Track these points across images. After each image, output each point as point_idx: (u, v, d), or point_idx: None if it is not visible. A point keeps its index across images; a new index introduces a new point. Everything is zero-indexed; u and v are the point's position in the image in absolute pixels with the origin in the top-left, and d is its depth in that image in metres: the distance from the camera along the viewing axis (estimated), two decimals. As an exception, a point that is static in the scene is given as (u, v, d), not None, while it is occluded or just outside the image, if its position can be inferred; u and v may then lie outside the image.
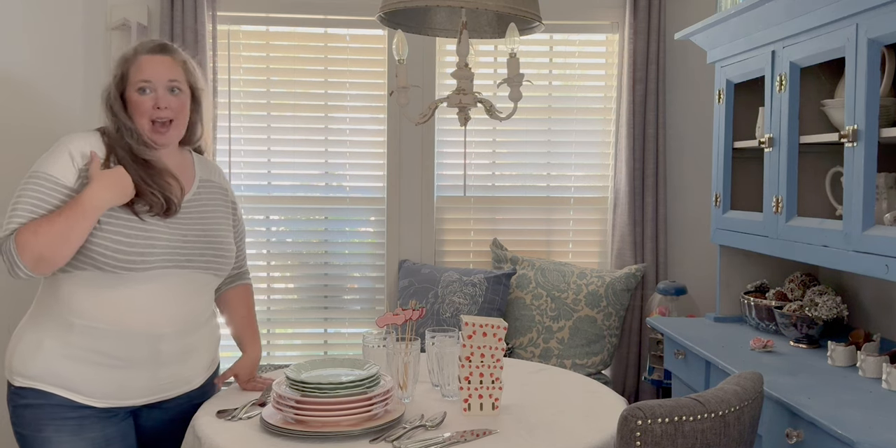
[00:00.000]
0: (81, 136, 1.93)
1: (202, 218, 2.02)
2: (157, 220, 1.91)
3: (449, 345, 2.02)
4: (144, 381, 1.93)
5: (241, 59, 3.69)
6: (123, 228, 1.86)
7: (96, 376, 1.88)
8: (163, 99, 1.94)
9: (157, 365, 1.93)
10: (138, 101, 1.93)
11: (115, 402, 1.91)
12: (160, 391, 1.97)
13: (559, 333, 3.45)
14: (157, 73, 1.94)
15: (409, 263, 3.67)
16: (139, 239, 1.87)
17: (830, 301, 2.55)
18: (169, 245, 1.91)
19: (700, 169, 3.69)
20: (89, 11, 3.41)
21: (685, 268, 3.75)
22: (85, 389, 1.87)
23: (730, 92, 2.93)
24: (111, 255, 1.83)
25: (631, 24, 3.59)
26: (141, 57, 1.95)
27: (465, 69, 2.05)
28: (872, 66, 2.07)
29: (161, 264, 1.89)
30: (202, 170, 2.12)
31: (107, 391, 1.89)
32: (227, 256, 2.05)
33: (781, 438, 2.04)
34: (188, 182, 2.04)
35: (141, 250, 1.86)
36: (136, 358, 1.90)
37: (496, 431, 1.77)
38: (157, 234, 1.90)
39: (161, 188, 1.92)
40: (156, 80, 1.94)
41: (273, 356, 3.77)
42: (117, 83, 1.95)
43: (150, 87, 1.93)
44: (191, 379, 2.04)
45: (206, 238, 1.99)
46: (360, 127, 3.77)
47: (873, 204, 2.10)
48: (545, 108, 3.80)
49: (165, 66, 1.97)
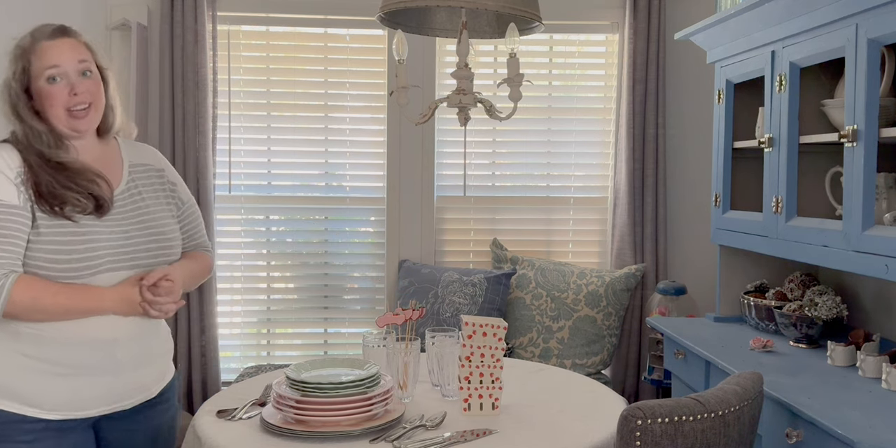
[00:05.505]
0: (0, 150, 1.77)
1: (138, 209, 1.88)
2: (93, 221, 1.79)
3: (449, 345, 2.02)
4: (100, 390, 1.81)
5: (241, 60, 3.69)
6: (59, 236, 1.74)
7: (48, 386, 1.75)
8: (77, 84, 1.78)
9: (114, 372, 1.81)
10: (50, 91, 1.76)
11: (71, 413, 1.78)
12: (118, 399, 1.84)
13: (559, 333, 3.46)
14: (65, 58, 1.78)
15: (409, 263, 3.67)
16: (77, 244, 1.75)
17: (830, 301, 2.55)
18: (111, 245, 1.79)
19: (700, 169, 3.69)
20: (89, 11, 3.42)
21: (685, 268, 3.75)
22: (36, 400, 1.74)
23: (730, 92, 2.93)
24: (51, 267, 1.73)
25: (631, 24, 3.59)
26: (42, 43, 1.77)
27: (465, 69, 2.05)
28: (872, 66, 2.07)
29: (107, 267, 1.78)
30: (131, 154, 1.97)
31: (60, 401, 1.76)
32: (172, 246, 1.93)
33: (781, 438, 2.04)
34: (116, 173, 1.89)
35: (81, 255, 1.75)
36: (89, 365, 1.78)
37: (496, 431, 1.77)
38: (96, 236, 1.78)
39: (85, 188, 1.78)
40: (65, 64, 1.77)
41: (273, 356, 3.78)
42: (19, 78, 1.77)
43: (61, 74, 1.77)
44: (149, 386, 1.92)
45: (147, 230, 1.87)
46: (360, 127, 3.77)
47: (873, 204, 2.10)
48: (545, 108, 3.80)
49: (71, 49, 1.80)
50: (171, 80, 3.50)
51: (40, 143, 1.78)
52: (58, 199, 1.75)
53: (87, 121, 1.82)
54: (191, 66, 3.48)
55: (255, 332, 3.80)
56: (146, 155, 2.02)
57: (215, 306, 3.58)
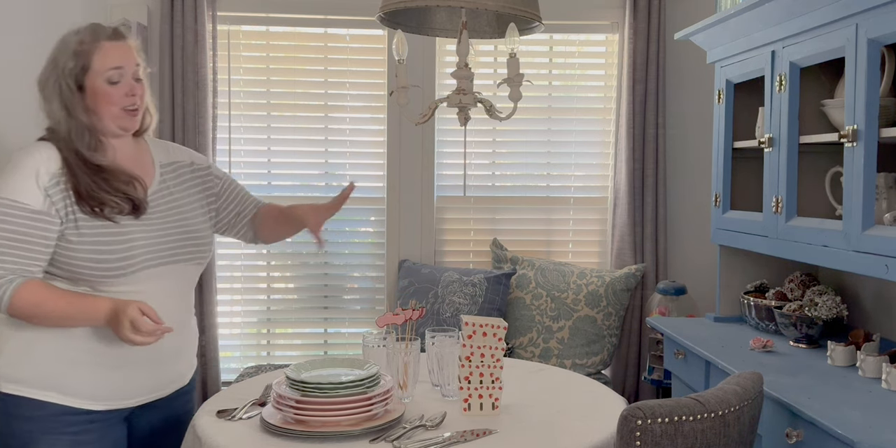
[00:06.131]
0: (40, 151, 1.82)
1: (172, 209, 1.95)
2: (132, 221, 1.84)
3: (449, 345, 2.02)
4: (144, 380, 1.91)
5: (241, 59, 3.69)
6: (102, 236, 1.80)
7: (95, 377, 1.84)
8: (134, 86, 1.86)
9: (157, 362, 1.92)
10: (109, 90, 1.82)
11: (116, 403, 1.88)
12: (159, 389, 1.96)
13: (559, 333, 3.46)
14: (125, 59, 1.84)
15: (409, 263, 3.67)
16: (117, 244, 1.81)
17: (830, 301, 2.55)
18: (147, 244, 1.85)
19: (700, 169, 3.69)
20: (89, 11, 3.41)
21: (685, 268, 3.75)
22: (83, 392, 1.83)
23: (730, 92, 2.93)
24: (95, 267, 1.79)
25: (631, 24, 3.59)
26: (104, 43, 1.82)
27: (465, 69, 2.05)
28: (872, 66, 2.06)
29: (143, 265, 1.84)
30: (160, 154, 2.02)
31: (107, 392, 1.86)
32: (205, 244, 2.01)
33: (781, 438, 2.04)
34: (148, 173, 1.95)
35: (121, 255, 1.81)
36: (136, 357, 1.86)
37: (496, 431, 1.77)
38: (134, 235, 1.84)
39: (121, 190, 1.84)
40: (127, 66, 1.84)
41: (273, 356, 3.78)
42: (76, 74, 1.81)
43: (122, 75, 1.83)
44: (184, 374, 2.05)
45: (182, 229, 1.94)
46: (360, 127, 3.77)
47: (873, 204, 2.10)
48: (545, 108, 3.80)
49: (130, 52, 1.87)
50: (171, 80, 3.50)
51: (81, 141, 1.83)
52: (96, 200, 1.81)
53: (135, 121, 1.90)
54: (191, 66, 3.48)
55: (254, 332, 3.80)
56: (174, 152, 2.08)
57: (215, 306, 3.58)
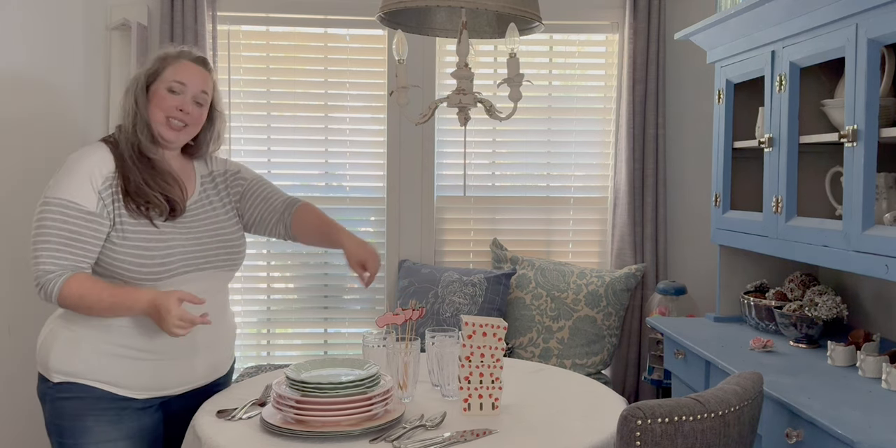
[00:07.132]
0: (95, 153, 1.96)
1: (209, 218, 2.09)
2: (171, 227, 1.98)
3: (449, 345, 2.02)
4: (181, 372, 2.03)
5: (241, 59, 3.69)
6: (142, 241, 1.93)
7: (136, 370, 1.96)
8: (187, 104, 2.01)
9: (192, 355, 2.04)
10: (164, 96, 1.99)
11: (154, 393, 2.00)
12: (194, 380, 2.07)
13: (559, 333, 3.46)
14: (193, 80, 2.02)
15: (409, 263, 3.67)
16: (157, 250, 1.94)
17: (830, 301, 2.55)
18: (184, 249, 1.98)
19: (700, 169, 3.69)
20: (89, 11, 3.41)
21: (685, 268, 3.75)
22: (125, 383, 1.96)
23: (730, 92, 2.93)
24: (135, 269, 1.91)
25: (631, 24, 3.59)
26: (183, 61, 2.03)
27: (465, 69, 2.05)
28: (872, 66, 2.07)
29: (179, 270, 1.97)
30: (201, 167, 2.18)
31: (146, 384, 1.98)
32: (239, 251, 2.14)
33: (781, 438, 2.04)
34: (190, 184, 2.10)
35: (161, 261, 1.93)
36: (172, 350, 1.99)
37: (496, 431, 1.77)
38: (173, 241, 1.97)
39: (162, 189, 1.97)
40: (191, 85, 2.01)
41: (273, 356, 3.78)
42: (149, 75, 2.01)
43: (181, 90, 2.00)
44: (220, 366, 2.16)
45: (217, 237, 2.07)
46: (360, 127, 3.77)
47: (873, 204, 2.10)
48: (545, 108, 3.80)
49: (202, 77, 2.04)
50: (171, 80, 3.50)
51: (143, 131, 1.97)
52: (143, 198, 1.94)
53: (176, 135, 2.02)
54: (191, 66, 3.47)
55: (254, 332, 3.79)
56: (211, 163, 2.21)
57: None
